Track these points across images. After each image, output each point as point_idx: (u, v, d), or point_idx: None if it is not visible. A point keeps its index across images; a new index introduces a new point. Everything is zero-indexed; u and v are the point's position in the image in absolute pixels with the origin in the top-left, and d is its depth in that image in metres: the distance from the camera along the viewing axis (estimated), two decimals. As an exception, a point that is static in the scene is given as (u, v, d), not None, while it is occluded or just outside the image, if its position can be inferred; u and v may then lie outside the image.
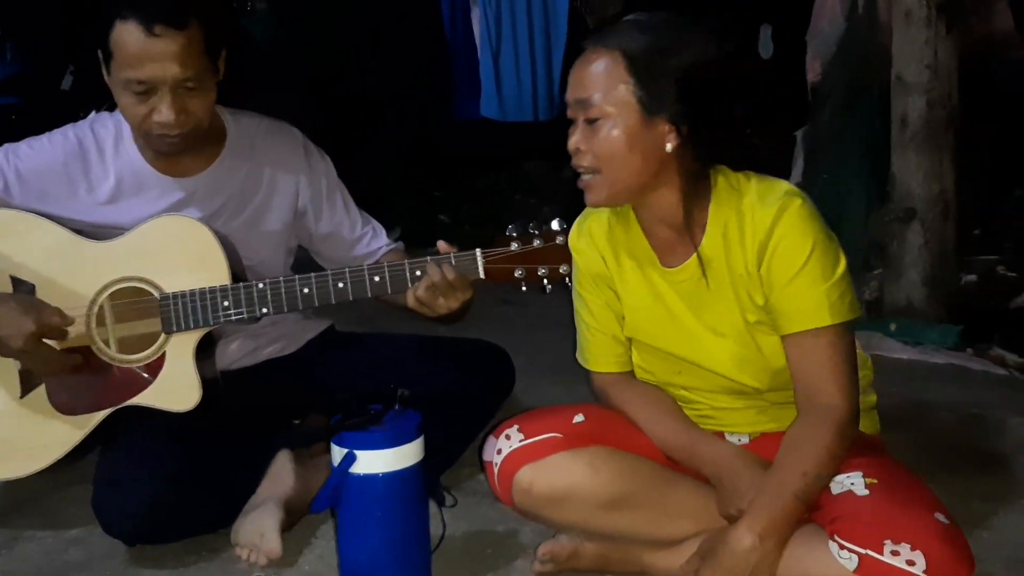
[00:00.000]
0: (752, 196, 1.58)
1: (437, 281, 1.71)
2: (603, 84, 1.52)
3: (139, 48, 1.76)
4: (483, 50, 4.67)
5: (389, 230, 6.04)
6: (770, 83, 4.28)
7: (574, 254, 1.74)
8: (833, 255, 1.56)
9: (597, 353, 1.79)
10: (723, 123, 1.57)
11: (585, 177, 1.58)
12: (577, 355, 1.83)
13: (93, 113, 2.03)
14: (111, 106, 1.99)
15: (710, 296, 1.63)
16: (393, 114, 5.33)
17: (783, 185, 1.59)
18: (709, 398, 1.71)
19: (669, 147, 1.53)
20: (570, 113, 1.58)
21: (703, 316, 1.64)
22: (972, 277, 3.78)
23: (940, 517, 1.44)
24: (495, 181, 5.94)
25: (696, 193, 1.59)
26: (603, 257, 1.72)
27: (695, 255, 1.61)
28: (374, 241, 2.15)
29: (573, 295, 1.79)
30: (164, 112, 1.79)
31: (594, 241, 1.72)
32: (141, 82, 1.78)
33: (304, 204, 2.07)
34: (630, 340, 1.76)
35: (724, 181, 1.61)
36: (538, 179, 5.81)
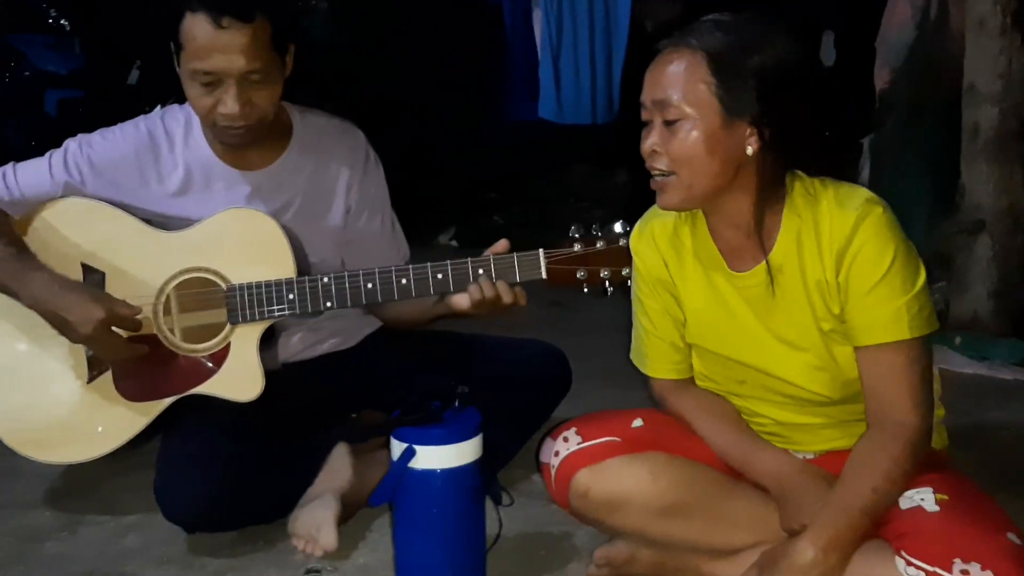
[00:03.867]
0: (830, 202, 1.52)
1: (490, 297, 1.72)
2: (683, 84, 1.48)
3: (207, 40, 1.78)
4: (543, 51, 4.67)
5: (443, 231, 6.04)
6: (835, 90, 4.21)
7: (635, 257, 1.71)
8: (913, 266, 1.51)
9: (655, 359, 1.76)
10: (805, 126, 1.52)
11: (659, 179, 1.54)
12: (633, 358, 1.81)
13: (159, 108, 2.06)
14: (177, 101, 2.01)
15: (780, 303, 1.59)
16: (450, 114, 5.35)
17: (863, 193, 1.54)
18: (773, 411, 1.67)
19: (750, 150, 1.49)
20: (645, 115, 1.54)
21: (771, 323, 1.60)
22: (1040, 293, 3.69)
23: (1012, 537, 1.39)
24: (548, 184, 5.93)
25: (770, 199, 1.55)
26: (665, 261, 1.68)
27: (764, 261, 1.58)
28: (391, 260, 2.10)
29: (632, 298, 1.77)
30: (229, 104, 1.81)
31: (656, 244, 1.69)
32: (208, 73, 1.80)
33: (351, 203, 2.08)
34: (690, 347, 1.73)
35: (800, 186, 1.56)
36: (591, 183, 5.80)
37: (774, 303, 1.59)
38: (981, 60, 3.15)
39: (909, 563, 1.37)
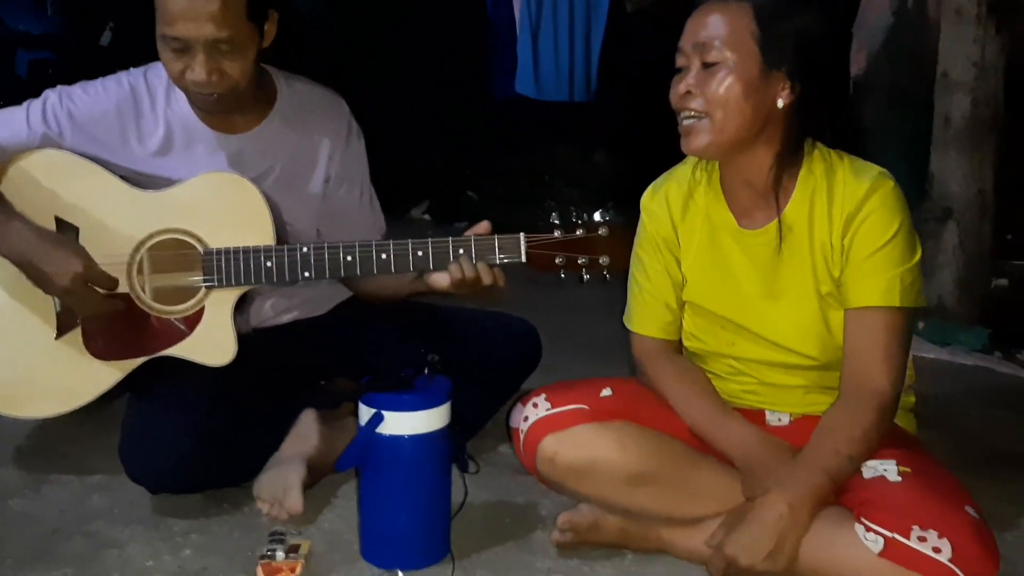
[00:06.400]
0: (846, 171, 1.60)
1: (468, 277, 1.73)
2: (728, 30, 1.53)
3: (175, 6, 1.75)
4: (522, 27, 4.66)
5: (418, 203, 6.01)
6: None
7: (644, 214, 1.77)
8: (913, 241, 1.59)
9: (644, 316, 1.80)
10: (833, 88, 1.61)
11: (688, 122, 1.58)
12: (624, 318, 1.85)
13: (132, 68, 2.03)
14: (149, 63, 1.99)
15: (785, 263, 1.64)
16: (428, 89, 5.32)
17: (877, 168, 1.61)
18: (759, 371, 1.71)
19: (781, 103, 1.56)
20: (681, 61, 1.59)
21: (772, 283, 1.65)
22: (1003, 281, 3.75)
23: (971, 511, 1.43)
24: (525, 162, 5.93)
25: (790, 158, 1.61)
26: (673, 222, 1.74)
27: (777, 220, 1.62)
28: (369, 233, 2.10)
29: (632, 257, 1.80)
30: (197, 71, 1.79)
31: (668, 204, 1.74)
32: (176, 39, 1.77)
33: (330, 172, 2.06)
34: (682, 308, 1.77)
35: (819, 154, 1.63)
36: (568, 162, 5.80)
37: (779, 261, 1.64)
38: (956, 49, 3.17)
39: (869, 528, 1.42)
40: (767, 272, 1.65)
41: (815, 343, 1.63)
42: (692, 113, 1.57)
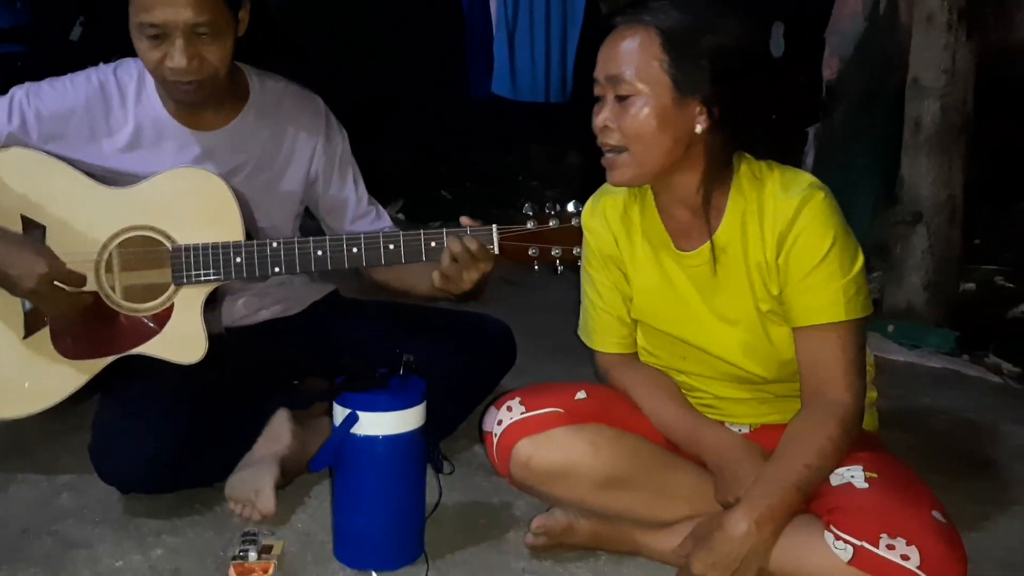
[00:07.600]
0: (774, 186, 1.56)
1: (459, 252, 1.70)
2: (636, 61, 1.50)
3: None
4: (499, 28, 4.65)
5: (391, 203, 6.01)
6: (784, 79, 4.28)
7: (586, 232, 1.73)
8: (851, 251, 1.56)
9: (601, 333, 1.79)
10: (753, 107, 1.56)
11: (610, 155, 1.56)
12: (580, 332, 1.83)
13: (101, 64, 2.01)
14: (120, 59, 1.97)
15: (722, 282, 1.62)
16: (402, 89, 5.31)
17: (806, 177, 1.58)
18: (712, 386, 1.71)
19: (699, 128, 1.52)
20: (598, 91, 1.56)
21: (714, 302, 1.64)
22: (971, 285, 3.80)
23: (937, 515, 1.44)
24: (499, 162, 5.94)
25: (718, 178, 1.58)
26: (615, 238, 1.71)
27: (710, 242, 1.60)
28: (377, 222, 2.12)
29: (581, 273, 1.79)
30: (176, 58, 1.77)
31: (607, 221, 1.72)
32: (154, 26, 1.76)
33: (316, 171, 2.06)
34: (636, 322, 1.76)
35: (746, 168, 1.59)
36: (542, 162, 5.82)
37: (717, 282, 1.62)
38: (926, 55, 3.21)
39: (838, 537, 1.42)
40: (707, 292, 1.64)
41: (760, 361, 1.63)
42: (611, 147, 1.55)
